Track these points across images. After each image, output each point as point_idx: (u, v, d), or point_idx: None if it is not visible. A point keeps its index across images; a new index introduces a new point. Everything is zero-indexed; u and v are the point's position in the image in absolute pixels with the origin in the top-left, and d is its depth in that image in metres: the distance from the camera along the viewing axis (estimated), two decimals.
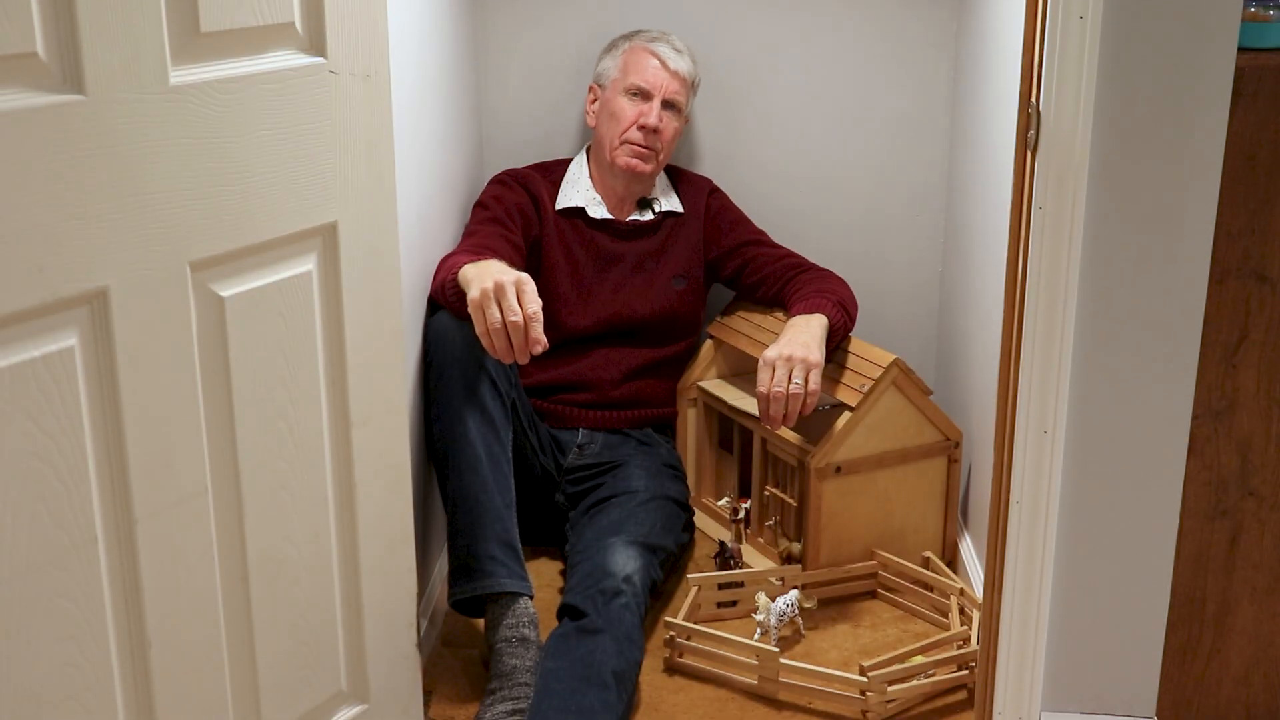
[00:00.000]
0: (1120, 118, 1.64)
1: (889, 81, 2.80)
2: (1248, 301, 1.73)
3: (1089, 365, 1.73)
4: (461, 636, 2.31)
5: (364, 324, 1.72)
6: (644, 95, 2.56)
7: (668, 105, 2.57)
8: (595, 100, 2.65)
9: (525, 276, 2.01)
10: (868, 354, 2.44)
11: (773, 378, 2.27)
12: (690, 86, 2.63)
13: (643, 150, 2.55)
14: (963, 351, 2.66)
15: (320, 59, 1.59)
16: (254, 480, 1.60)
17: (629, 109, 2.55)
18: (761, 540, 2.56)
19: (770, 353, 2.30)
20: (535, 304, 1.98)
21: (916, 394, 2.42)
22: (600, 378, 2.60)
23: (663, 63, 2.57)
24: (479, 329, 2.00)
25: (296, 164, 1.57)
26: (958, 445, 2.49)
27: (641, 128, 2.54)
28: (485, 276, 2.02)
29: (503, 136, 2.85)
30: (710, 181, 2.76)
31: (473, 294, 2.01)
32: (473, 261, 2.15)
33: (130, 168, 1.36)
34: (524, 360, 1.99)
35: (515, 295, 1.97)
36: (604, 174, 2.62)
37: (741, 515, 2.49)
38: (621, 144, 2.55)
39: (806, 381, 2.27)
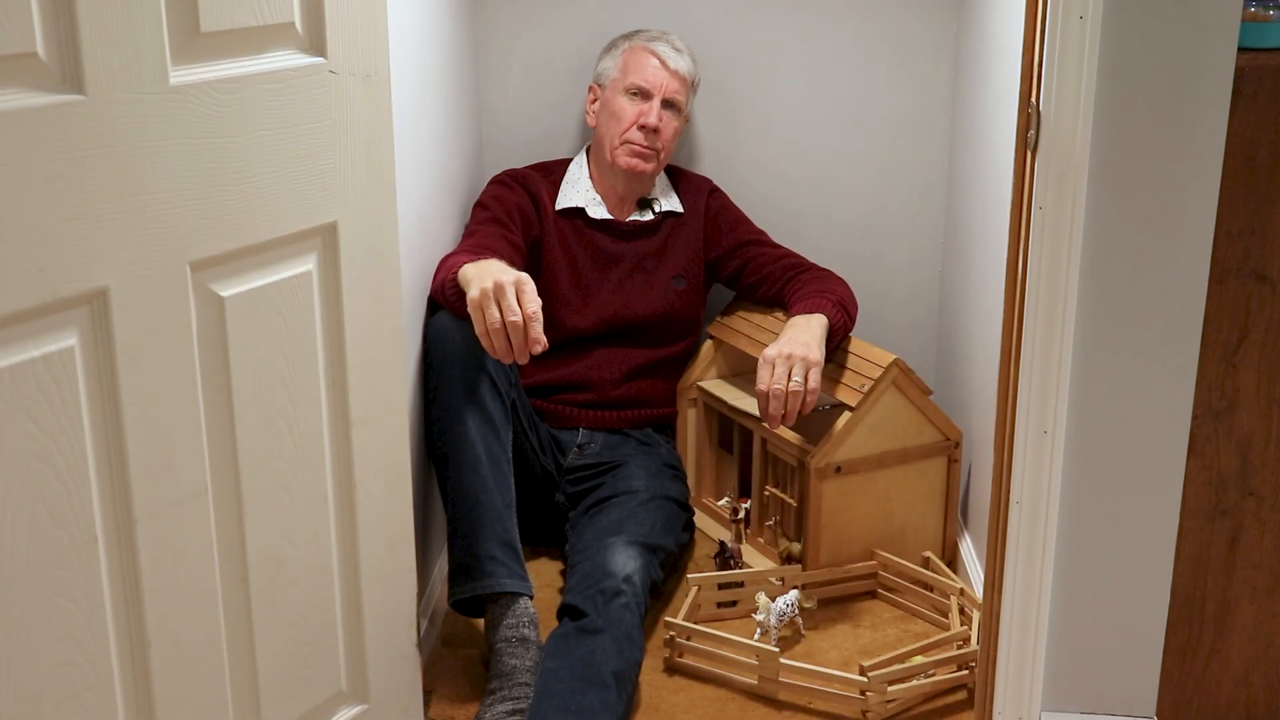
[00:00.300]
0: (1120, 118, 1.64)
1: (889, 81, 2.80)
2: (1248, 301, 1.73)
3: (1089, 365, 1.73)
4: (461, 636, 2.31)
5: (364, 324, 1.72)
6: (644, 94, 2.56)
7: (668, 104, 2.57)
8: (595, 100, 2.65)
9: (525, 276, 2.01)
10: (868, 354, 2.44)
11: (773, 375, 2.27)
12: (690, 86, 2.63)
13: (643, 150, 2.55)
14: (963, 351, 2.66)
15: (320, 59, 1.59)
16: (254, 480, 1.60)
17: (629, 108, 2.55)
18: (761, 540, 2.56)
19: (770, 351, 2.30)
20: (535, 303, 1.98)
21: (916, 394, 2.42)
22: (600, 378, 2.60)
23: (662, 62, 2.57)
24: (478, 329, 2.00)
25: (296, 164, 1.57)
26: (958, 445, 2.49)
27: (642, 127, 2.54)
28: (485, 276, 2.02)
29: (503, 136, 2.85)
30: (710, 181, 2.76)
31: (472, 294, 2.01)
32: (472, 261, 2.15)
33: (130, 168, 1.36)
34: (523, 360, 1.99)
35: (515, 295, 1.97)
36: (604, 174, 2.62)
37: (741, 515, 2.49)
38: (622, 144, 2.55)
39: (806, 380, 2.27)
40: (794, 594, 2.26)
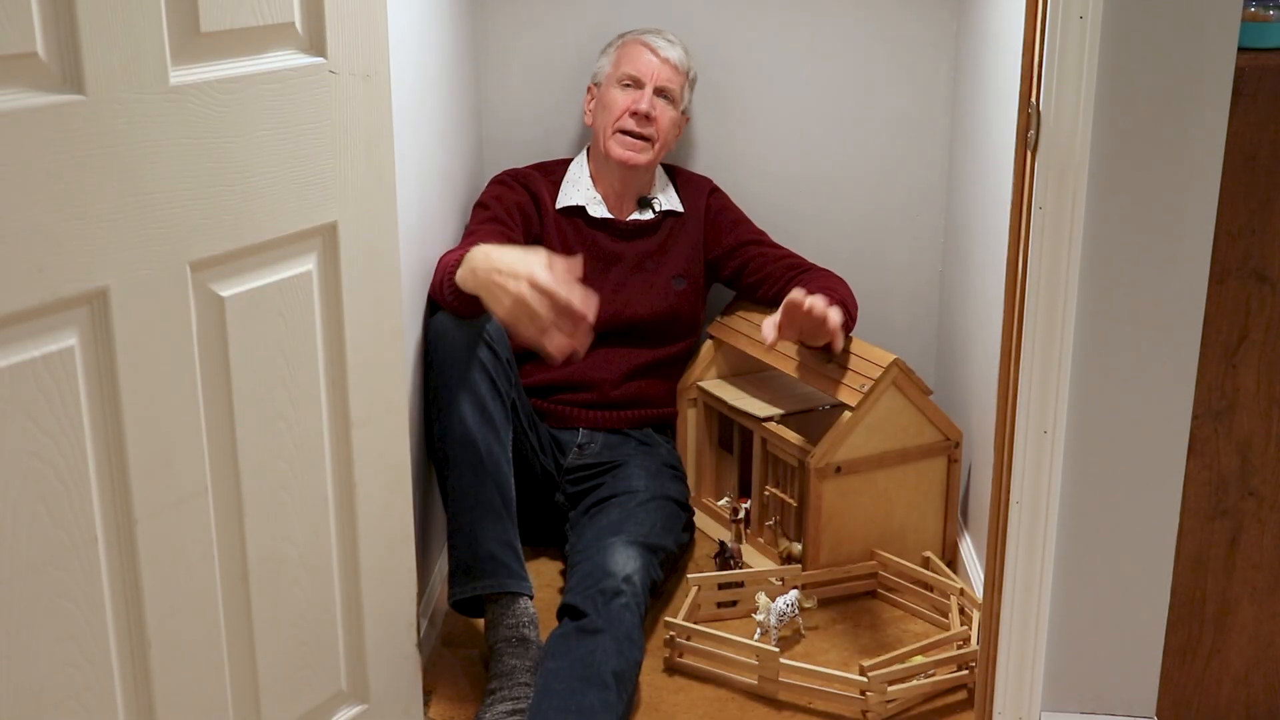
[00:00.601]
0: (1120, 118, 1.64)
1: (889, 81, 2.80)
2: (1248, 301, 1.74)
3: (1089, 365, 1.73)
4: (461, 636, 2.31)
5: (364, 324, 1.72)
6: (636, 84, 2.56)
7: (661, 93, 2.57)
8: (592, 100, 2.65)
9: (531, 275, 1.92)
10: (868, 354, 2.44)
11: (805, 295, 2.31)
12: (685, 77, 2.63)
13: (636, 141, 2.54)
14: (963, 351, 2.66)
15: (320, 59, 1.59)
16: (254, 480, 1.60)
17: (622, 98, 2.55)
18: (761, 540, 2.56)
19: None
20: (564, 289, 1.87)
21: (916, 394, 2.42)
22: (600, 378, 2.60)
23: (654, 52, 2.58)
24: (525, 336, 1.94)
25: (296, 164, 1.57)
26: (958, 445, 2.49)
27: (634, 114, 2.54)
28: (492, 286, 1.97)
29: (503, 136, 2.85)
30: (710, 181, 2.76)
31: (499, 314, 1.97)
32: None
33: (130, 168, 1.36)
34: (585, 343, 1.91)
35: (538, 303, 1.89)
36: (602, 170, 2.62)
37: (741, 515, 2.49)
38: (615, 133, 2.55)
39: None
40: (794, 594, 2.26)
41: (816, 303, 2.29)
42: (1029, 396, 1.74)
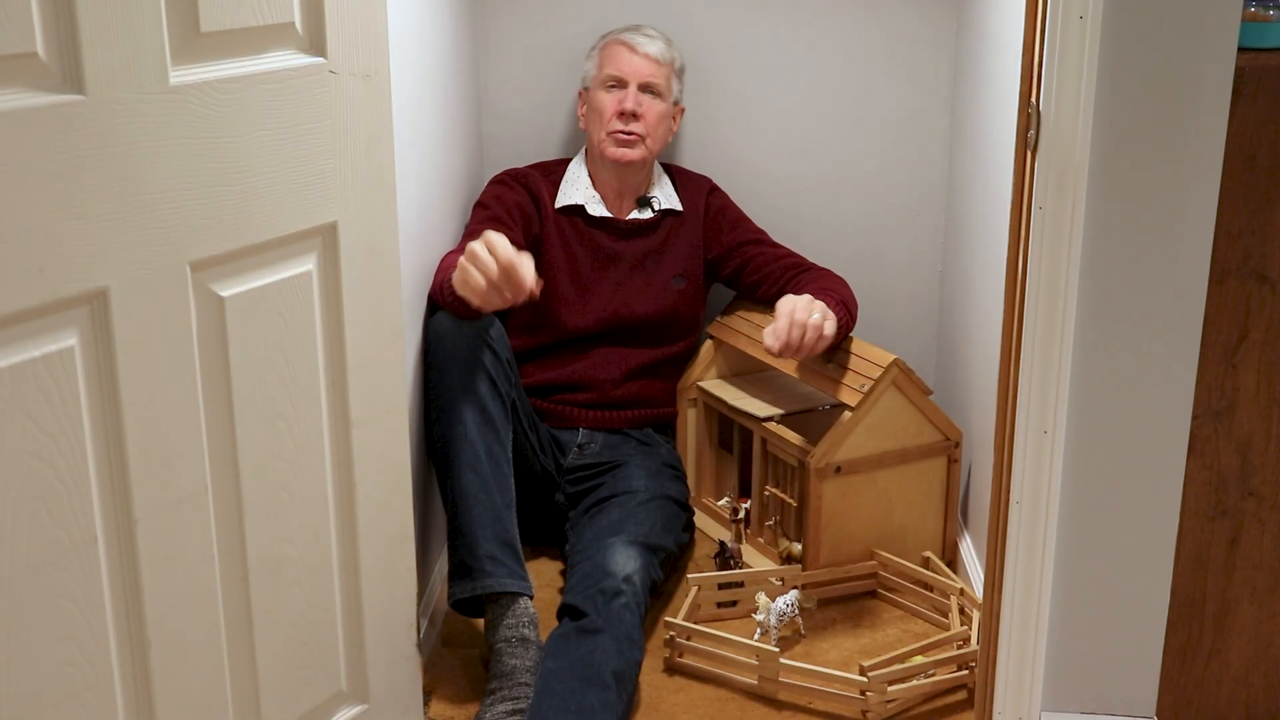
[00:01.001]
0: (1120, 118, 1.64)
1: (889, 81, 2.80)
2: (1248, 301, 1.74)
3: (1089, 365, 1.73)
4: (461, 636, 2.31)
5: (364, 324, 1.72)
6: (620, 84, 2.57)
7: (646, 89, 2.57)
8: (584, 104, 2.66)
9: (489, 233, 2.07)
10: (868, 354, 2.44)
11: (794, 308, 2.31)
12: (670, 68, 2.62)
13: (626, 138, 2.55)
14: (963, 351, 2.66)
15: (320, 59, 1.59)
16: (254, 480, 1.60)
17: (609, 101, 2.56)
18: (761, 540, 2.56)
19: (791, 296, 2.36)
20: (506, 249, 2.03)
21: (916, 394, 2.42)
22: (600, 377, 2.60)
23: (633, 49, 2.58)
24: (478, 303, 2.07)
25: (296, 164, 1.58)
26: (958, 445, 2.49)
27: (621, 114, 2.54)
28: (460, 278, 2.09)
29: (503, 136, 2.85)
30: (710, 181, 2.76)
31: (455, 280, 2.09)
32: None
33: (130, 168, 1.36)
34: (521, 296, 2.04)
35: (486, 251, 2.03)
36: (599, 170, 2.63)
37: (741, 515, 2.49)
38: (607, 136, 2.56)
39: (823, 324, 2.32)
40: (794, 594, 2.26)
41: (799, 310, 2.31)
42: (1029, 396, 1.74)
